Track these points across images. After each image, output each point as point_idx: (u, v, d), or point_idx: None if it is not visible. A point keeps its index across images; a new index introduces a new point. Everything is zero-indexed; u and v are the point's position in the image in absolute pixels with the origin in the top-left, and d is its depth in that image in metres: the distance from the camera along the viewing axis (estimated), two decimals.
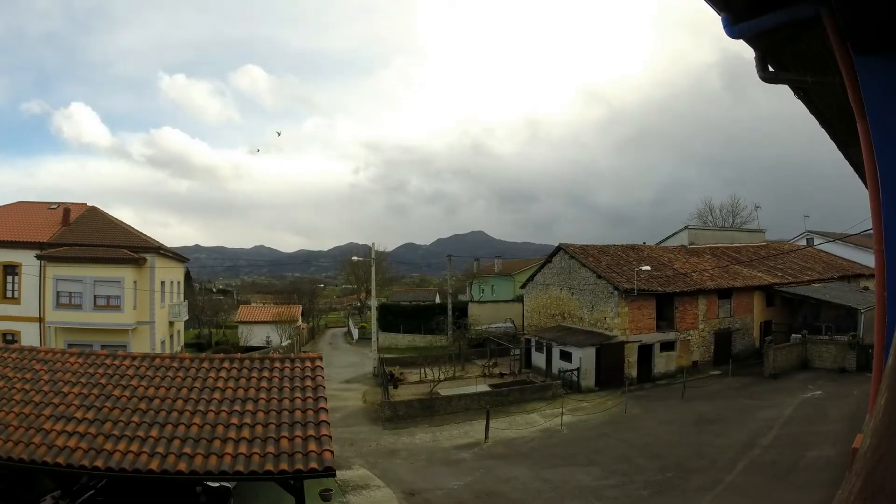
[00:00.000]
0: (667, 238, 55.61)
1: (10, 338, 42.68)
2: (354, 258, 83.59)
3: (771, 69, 5.83)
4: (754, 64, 5.67)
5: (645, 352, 37.92)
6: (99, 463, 13.93)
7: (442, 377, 38.89)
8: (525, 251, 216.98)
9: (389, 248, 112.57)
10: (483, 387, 37.33)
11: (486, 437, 27.07)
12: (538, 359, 42.04)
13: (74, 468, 14.08)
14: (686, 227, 55.63)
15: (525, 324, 50.40)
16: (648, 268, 38.86)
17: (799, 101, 6.81)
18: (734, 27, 4.97)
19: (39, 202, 53.08)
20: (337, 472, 14.43)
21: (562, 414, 29.11)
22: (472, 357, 48.32)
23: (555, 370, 38.50)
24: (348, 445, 27.56)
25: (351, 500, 20.72)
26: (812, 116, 7.34)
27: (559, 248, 45.18)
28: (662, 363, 38.49)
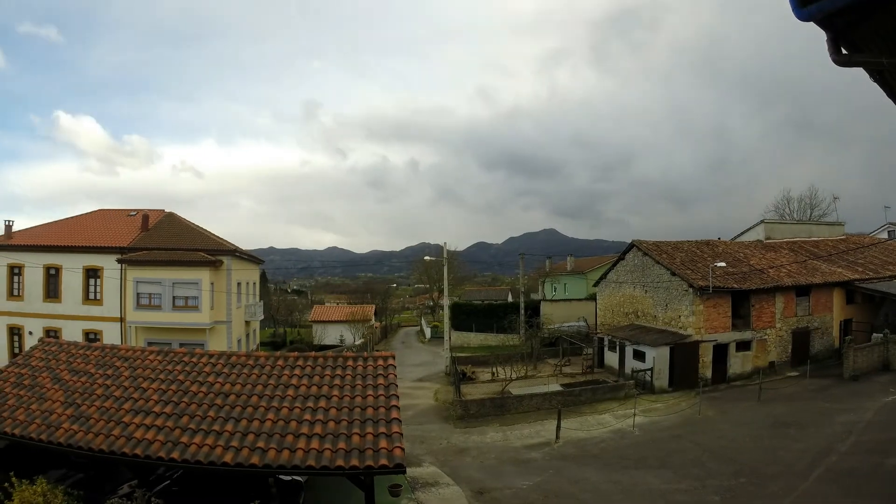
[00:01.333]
0: (742, 233, 53.97)
1: (93, 337, 44.74)
2: (427, 258, 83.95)
3: (844, 52, 5.69)
4: (826, 47, 5.52)
5: (720, 351, 36.89)
6: (175, 455, 14.55)
7: (514, 376, 38.88)
8: (597, 249, 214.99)
9: (461, 248, 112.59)
10: (555, 386, 37.12)
11: (557, 437, 26.83)
12: (611, 358, 41.50)
13: (152, 459, 14.73)
14: (762, 221, 53.83)
15: (598, 322, 49.65)
16: (723, 264, 37.67)
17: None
18: (803, 9, 4.92)
19: (119, 209, 55.81)
20: (407, 469, 14.60)
21: (634, 415, 28.62)
22: (544, 356, 48.03)
23: (627, 370, 37.86)
24: (419, 443, 27.81)
25: (420, 497, 20.87)
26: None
27: (632, 245, 44.30)
28: (738, 363, 37.37)
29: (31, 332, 46.38)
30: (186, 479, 17.70)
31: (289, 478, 17.41)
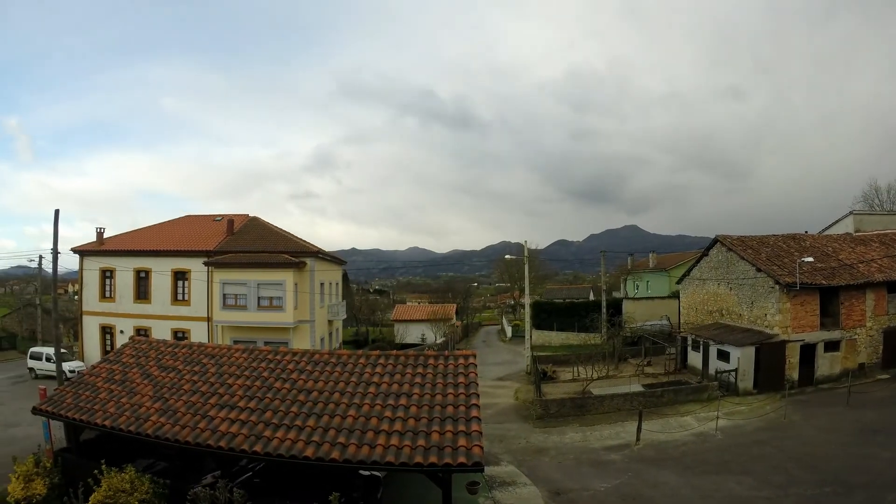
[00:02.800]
0: (830, 225, 51.74)
1: (181, 335, 46.63)
2: (507, 256, 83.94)
3: None
4: None
5: (807, 352, 35.29)
6: (258, 448, 15.00)
7: (595, 376, 38.51)
8: (679, 244, 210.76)
9: (542, 246, 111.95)
10: (636, 387, 36.46)
11: (638, 439, 26.40)
12: (694, 358, 40.41)
13: (235, 451, 15.24)
14: (851, 213, 51.47)
15: (681, 321, 48.61)
16: (811, 259, 36.12)
17: None
18: None
19: (205, 215, 58.44)
20: (485, 468, 14.67)
21: (717, 418, 27.87)
22: (626, 356, 47.34)
23: (711, 371, 36.75)
24: (498, 442, 27.85)
25: (497, 496, 20.90)
26: None
27: (716, 241, 42.90)
28: (826, 365, 35.67)
29: (122, 331, 48.80)
30: (268, 472, 18.23)
31: (367, 473, 17.73)
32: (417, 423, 15.64)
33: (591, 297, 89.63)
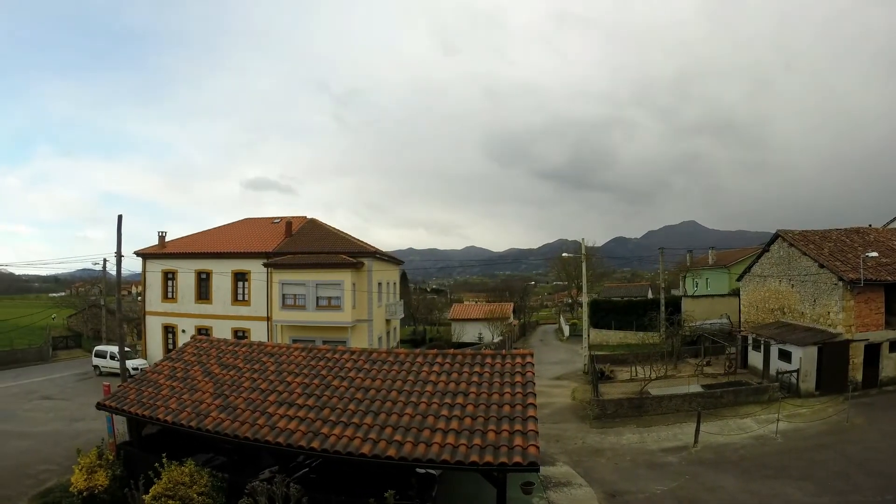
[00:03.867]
0: (895, 219, 50.06)
1: (241, 334, 47.55)
2: (564, 254, 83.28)
3: None
4: None
5: (871, 352, 33.96)
6: (315, 444, 15.26)
7: (653, 376, 37.96)
8: (739, 240, 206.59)
9: (599, 244, 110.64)
10: (695, 387, 35.79)
11: (696, 441, 25.91)
12: (755, 358, 39.39)
13: (293, 448, 15.55)
14: None
15: (741, 320, 47.54)
16: (875, 254, 34.33)
17: None
18: None
19: (263, 218, 59.60)
20: (540, 468, 14.59)
21: (777, 420, 27.09)
22: (684, 355, 46.54)
23: (772, 371, 35.75)
24: (554, 442, 27.73)
25: (551, 496, 20.81)
26: None
27: (777, 236, 41.49)
28: (891, 366, 34.28)
29: (184, 331, 50.06)
30: (324, 468, 18.50)
31: (423, 471, 17.86)
32: (474, 421, 15.69)
33: (650, 296, 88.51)
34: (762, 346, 38.08)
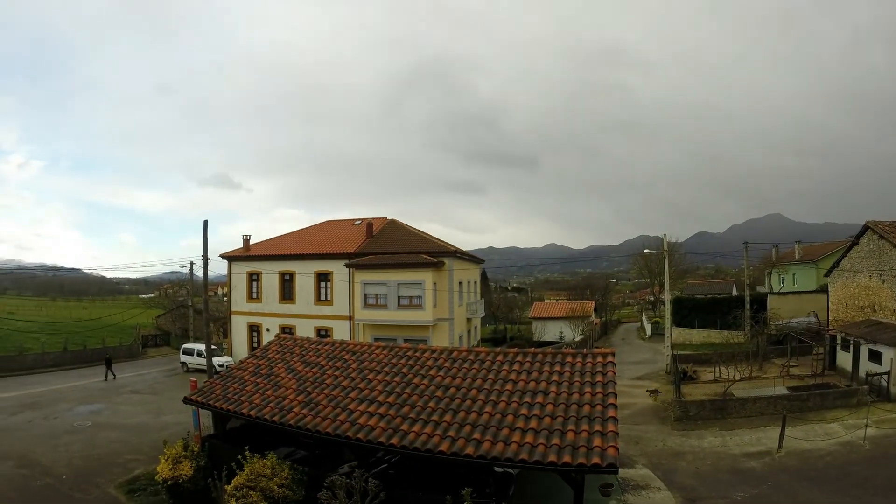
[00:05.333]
0: None
1: (324, 333, 48.59)
2: (646, 251, 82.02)
3: None
4: None
5: None
6: (395, 441, 15.49)
7: (737, 377, 36.95)
8: (826, 233, 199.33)
9: (682, 239, 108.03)
10: (781, 389, 34.54)
11: (780, 446, 25.11)
12: (843, 359, 37.77)
13: (373, 443, 15.83)
14: None
15: (830, 318, 45.90)
16: None
17: None
18: None
19: (345, 220, 60.99)
20: (619, 470, 14.48)
21: (866, 426, 25.80)
22: (770, 355, 45.29)
23: (861, 373, 34.13)
24: (633, 443, 27.36)
25: (629, 499, 20.57)
26: None
27: (866, 228, 39.67)
28: None
29: (268, 329, 51.49)
30: (403, 464, 18.71)
31: (501, 470, 17.91)
32: (553, 421, 15.60)
33: (734, 293, 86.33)
34: (851, 346, 36.47)
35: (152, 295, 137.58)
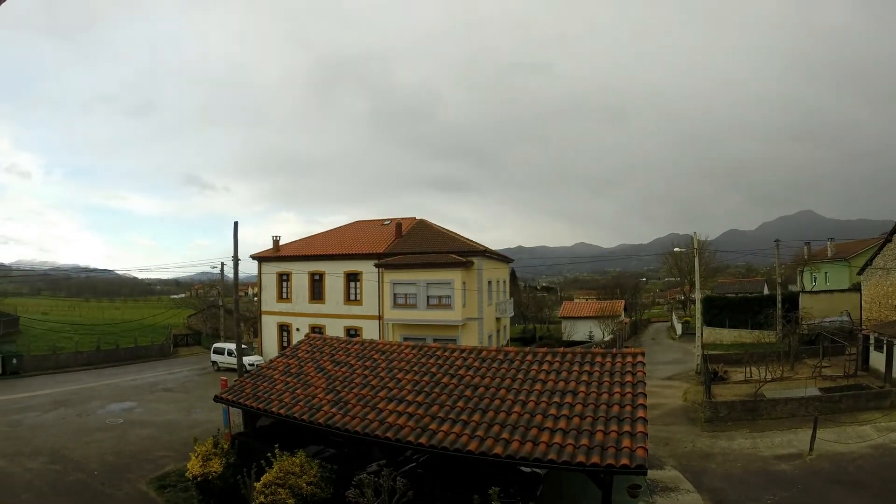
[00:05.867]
0: None
1: (354, 333, 48.95)
2: (676, 249, 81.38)
3: None
4: None
5: None
6: (423, 440, 15.55)
7: (768, 377, 36.64)
8: (860, 230, 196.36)
9: (712, 237, 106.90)
10: (812, 390, 34.04)
11: (811, 448, 24.76)
12: (877, 359, 37.04)
13: (401, 442, 15.89)
14: None
15: (863, 317, 45.32)
16: None
17: None
18: None
19: (373, 220, 61.36)
20: (647, 471, 14.36)
21: None
22: (802, 356, 44.55)
23: (895, 374, 33.88)
24: (662, 445, 27.20)
25: (658, 501, 20.47)
26: None
27: None
28: None
29: (298, 329, 52.00)
30: (431, 464, 18.78)
31: (529, 470, 17.91)
32: (582, 421, 15.53)
33: (765, 291, 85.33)
34: (885, 347, 35.85)
35: (184, 295, 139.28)
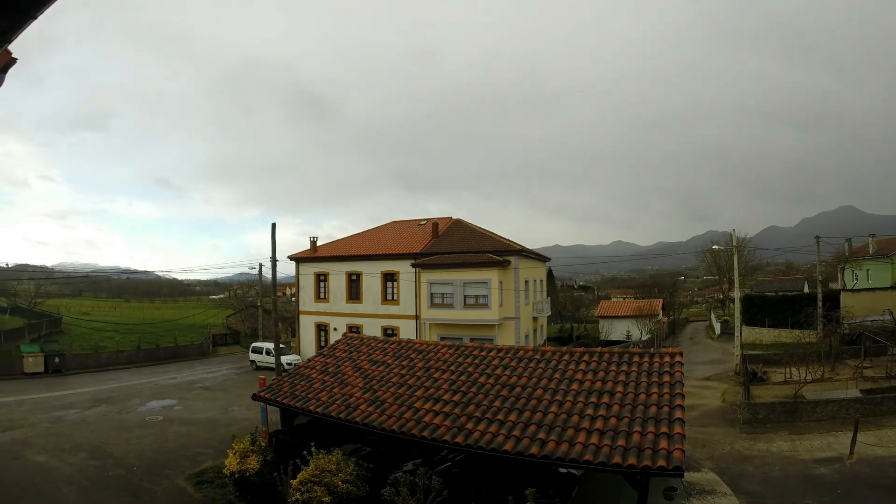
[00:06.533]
0: None
1: (391, 332, 49.31)
2: (714, 246, 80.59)
3: None
4: None
5: None
6: (459, 439, 15.61)
7: (808, 378, 36.08)
8: None
9: (751, 234, 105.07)
10: (853, 392, 33.26)
11: (851, 452, 24.29)
12: None
13: (437, 442, 15.97)
14: None
15: None
16: None
17: None
18: None
19: (410, 220, 61.96)
20: (684, 473, 14.32)
21: None
22: (843, 356, 43.70)
23: None
24: (700, 446, 26.94)
25: None
26: None
27: None
28: None
29: (335, 329, 52.45)
30: (467, 463, 18.86)
31: (564, 470, 17.90)
32: (619, 422, 15.46)
33: (806, 290, 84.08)
34: None
35: (222, 296, 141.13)
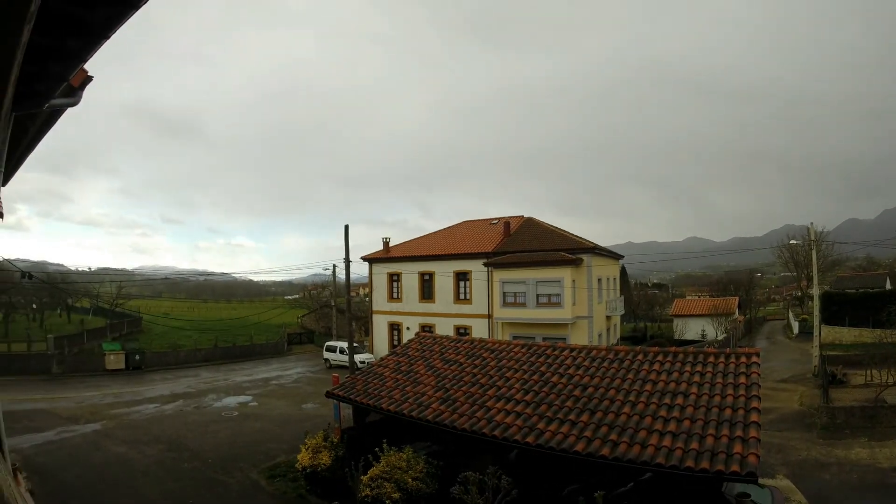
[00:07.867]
0: None
1: (463, 331, 49.67)
2: (792, 241, 78.49)
3: None
4: None
5: None
6: (530, 439, 15.67)
7: (891, 381, 34.96)
8: None
9: (830, 227, 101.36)
10: None
11: None
12: None
13: (508, 441, 16.02)
14: None
15: None
16: None
17: None
18: None
19: (482, 220, 62.11)
20: (759, 479, 13.84)
21: None
22: None
23: None
24: (775, 451, 26.31)
25: None
26: None
27: None
28: None
29: (408, 328, 53.12)
30: (535, 463, 18.88)
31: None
32: (692, 424, 15.18)
33: (888, 286, 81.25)
34: None
35: (297, 296, 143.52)
